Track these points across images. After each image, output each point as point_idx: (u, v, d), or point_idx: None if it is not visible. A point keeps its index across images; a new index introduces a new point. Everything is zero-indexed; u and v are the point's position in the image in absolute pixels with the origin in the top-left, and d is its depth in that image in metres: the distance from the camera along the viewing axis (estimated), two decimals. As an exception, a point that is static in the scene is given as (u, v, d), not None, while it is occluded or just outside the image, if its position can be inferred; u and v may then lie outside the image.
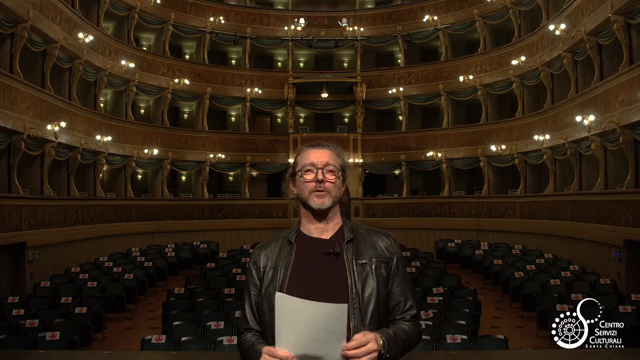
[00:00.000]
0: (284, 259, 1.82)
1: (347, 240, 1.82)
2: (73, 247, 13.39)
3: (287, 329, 1.55)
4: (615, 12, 11.19)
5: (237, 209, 19.41)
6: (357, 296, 1.73)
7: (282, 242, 1.87)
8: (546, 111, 15.23)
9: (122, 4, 16.67)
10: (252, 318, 1.84)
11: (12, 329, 6.84)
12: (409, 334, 1.76)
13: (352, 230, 1.85)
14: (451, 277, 10.62)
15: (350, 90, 20.50)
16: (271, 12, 21.30)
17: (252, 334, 1.82)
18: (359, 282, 1.75)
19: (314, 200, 1.80)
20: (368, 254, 1.81)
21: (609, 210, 11.53)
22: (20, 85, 11.28)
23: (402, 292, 1.83)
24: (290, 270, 1.78)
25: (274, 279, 1.79)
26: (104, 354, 3.65)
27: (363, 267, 1.77)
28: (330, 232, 1.84)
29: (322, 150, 1.86)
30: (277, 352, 1.57)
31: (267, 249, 1.88)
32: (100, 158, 15.32)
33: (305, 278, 1.76)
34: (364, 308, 1.72)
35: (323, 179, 1.80)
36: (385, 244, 1.86)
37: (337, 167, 1.84)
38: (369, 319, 1.72)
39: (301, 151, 1.90)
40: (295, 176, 1.87)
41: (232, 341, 5.68)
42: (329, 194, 1.80)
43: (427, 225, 18.60)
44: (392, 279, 1.82)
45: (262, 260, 1.86)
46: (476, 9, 18.26)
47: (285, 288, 1.74)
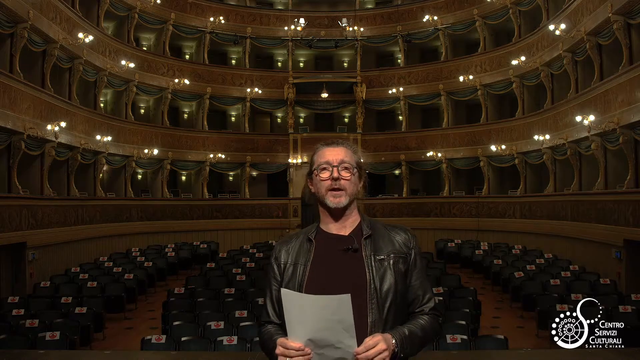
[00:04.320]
0: (303, 255, 1.86)
1: (366, 236, 1.86)
2: (73, 247, 13.39)
3: (295, 321, 1.64)
4: (615, 12, 11.18)
5: (237, 209, 19.41)
6: (376, 291, 1.77)
7: (302, 239, 1.92)
8: (546, 111, 15.23)
9: (122, 4, 16.66)
10: (273, 311, 1.90)
11: (12, 329, 6.84)
12: (425, 329, 1.81)
13: (370, 226, 1.89)
14: (451, 277, 10.62)
15: (350, 90, 20.49)
16: (271, 12, 21.30)
17: (272, 326, 1.89)
18: (377, 278, 1.79)
19: (330, 200, 1.84)
20: (386, 250, 1.85)
21: (609, 210, 11.53)
22: (20, 85, 11.28)
23: (421, 286, 1.88)
24: (310, 266, 1.83)
25: (294, 275, 1.84)
26: (104, 354, 3.65)
27: (381, 263, 1.81)
28: (348, 229, 1.88)
29: (337, 148, 1.89)
30: (289, 343, 1.65)
31: (287, 246, 1.93)
32: (100, 158, 15.32)
33: (324, 274, 1.80)
34: (382, 303, 1.76)
35: (338, 176, 1.84)
36: (403, 239, 1.90)
37: (353, 164, 1.87)
38: (387, 314, 1.76)
39: (317, 150, 1.93)
40: (312, 175, 1.91)
41: (232, 341, 5.69)
42: (345, 192, 1.84)
43: (427, 225, 18.60)
44: (410, 273, 1.87)
45: (283, 257, 1.91)
46: (476, 9, 18.25)
47: (304, 284, 1.79)
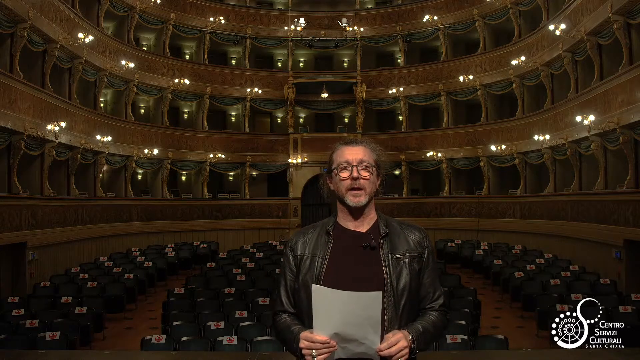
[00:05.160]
0: (321, 249, 1.89)
1: (383, 235, 1.90)
2: (73, 247, 13.38)
3: (324, 316, 1.66)
4: (615, 12, 11.18)
5: (237, 209, 19.41)
6: (392, 289, 1.82)
7: (319, 232, 1.94)
8: (546, 111, 15.22)
9: (122, 4, 16.66)
10: (287, 301, 1.93)
11: (12, 329, 6.84)
12: (436, 325, 1.87)
13: (386, 225, 1.94)
14: (451, 277, 10.60)
15: (350, 90, 20.49)
16: (271, 12, 21.30)
17: (287, 315, 1.91)
18: (394, 276, 1.83)
19: (350, 199, 1.88)
20: (402, 249, 1.89)
21: (609, 210, 11.53)
22: (20, 85, 11.28)
23: (432, 284, 1.93)
24: (328, 260, 1.85)
25: (311, 268, 1.86)
26: (104, 354, 3.65)
27: (398, 262, 1.86)
28: (366, 226, 1.93)
29: (356, 148, 1.94)
30: (315, 337, 1.67)
31: (304, 237, 1.95)
32: (100, 158, 15.32)
33: (342, 269, 1.83)
34: (398, 300, 1.82)
35: (358, 176, 1.88)
36: (418, 238, 1.94)
37: (372, 163, 1.93)
38: (402, 311, 1.82)
39: (336, 149, 1.97)
40: (332, 173, 1.94)
41: (232, 341, 5.69)
42: (364, 192, 1.89)
43: (427, 225, 18.52)
44: (423, 271, 1.92)
45: (300, 248, 1.93)
46: (476, 9, 18.25)
47: (322, 278, 1.82)
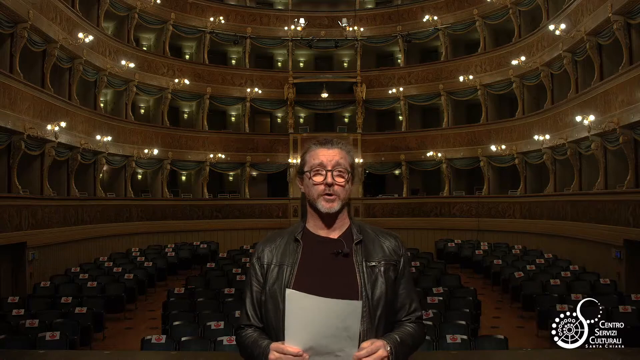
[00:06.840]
0: (290, 256, 1.75)
1: (357, 241, 1.77)
2: (73, 247, 13.38)
3: (297, 325, 1.53)
4: (615, 12, 11.18)
5: (237, 209, 19.41)
6: (367, 299, 1.68)
7: (287, 239, 1.80)
8: (546, 111, 15.22)
9: (122, 4, 16.66)
10: (254, 314, 1.77)
11: (12, 329, 6.83)
12: (414, 336, 1.75)
13: (360, 231, 1.80)
14: (451, 277, 10.62)
15: (350, 90, 20.49)
16: (271, 12, 21.30)
17: (253, 329, 1.76)
18: (368, 285, 1.70)
19: (322, 204, 1.74)
20: (377, 257, 1.76)
21: (609, 210, 11.53)
22: (20, 85, 11.28)
23: (408, 295, 1.81)
24: (297, 269, 1.72)
25: (279, 277, 1.72)
26: (104, 354, 3.65)
27: (372, 270, 1.73)
28: (337, 232, 1.79)
29: (332, 150, 1.77)
30: (287, 348, 1.53)
31: (271, 245, 1.80)
32: (100, 158, 15.32)
33: (312, 278, 1.69)
34: (374, 311, 1.69)
35: (333, 182, 1.73)
36: (393, 246, 1.81)
37: (347, 167, 1.77)
38: (377, 322, 1.69)
39: (309, 149, 1.81)
40: (303, 175, 1.79)
41: (232, 341, 5.68)
42: (338, 198, 1.74)
43: (427, 225, 18.60)
44: (399, 281, 1.79)
45: (267, 257, 1.78)
46: (476, 9, 18.25)
47: (291, 287, 1.67)
